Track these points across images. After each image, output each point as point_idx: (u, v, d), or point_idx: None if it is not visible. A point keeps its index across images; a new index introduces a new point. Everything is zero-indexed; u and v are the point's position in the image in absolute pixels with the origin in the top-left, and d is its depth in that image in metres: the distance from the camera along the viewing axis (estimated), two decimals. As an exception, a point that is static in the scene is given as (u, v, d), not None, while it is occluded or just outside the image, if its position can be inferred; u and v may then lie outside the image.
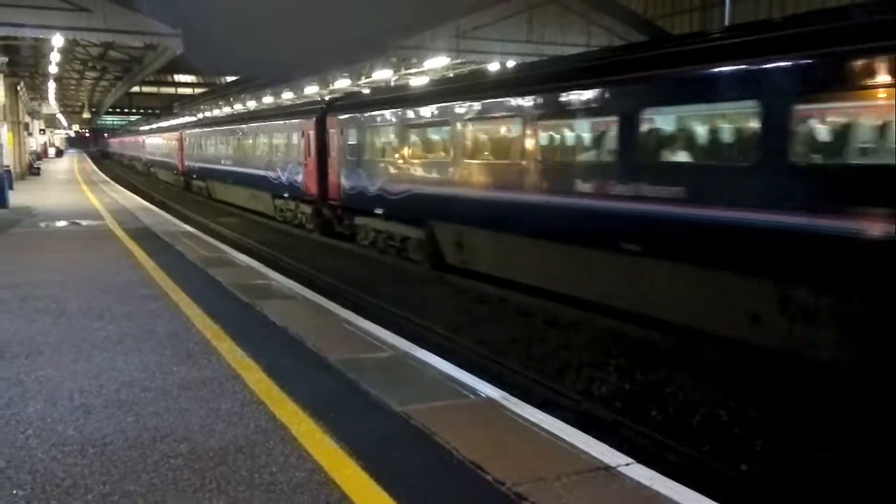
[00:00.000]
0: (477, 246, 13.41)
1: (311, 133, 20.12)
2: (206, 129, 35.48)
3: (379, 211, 16.33)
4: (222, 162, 30.39)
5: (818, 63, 7.31)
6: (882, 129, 7.07)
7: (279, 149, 23.40)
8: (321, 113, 20.05)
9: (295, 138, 21.51)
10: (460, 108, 13.32)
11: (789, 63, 7.58)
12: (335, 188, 18.75)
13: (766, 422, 7.10)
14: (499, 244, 12.68)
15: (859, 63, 6.92)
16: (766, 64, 7.76)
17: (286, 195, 22.80)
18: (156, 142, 52.31)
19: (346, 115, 18.41)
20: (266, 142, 24.83)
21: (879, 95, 6.92)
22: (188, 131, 39.25)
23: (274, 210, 24.39)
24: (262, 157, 24.91)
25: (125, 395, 5.24)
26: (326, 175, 19.25)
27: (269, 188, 24.31)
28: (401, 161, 15.50)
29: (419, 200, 14.72)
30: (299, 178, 21.12)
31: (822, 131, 7.73)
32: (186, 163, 38.12)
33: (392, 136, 16.14)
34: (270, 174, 23.77)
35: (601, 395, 8.04)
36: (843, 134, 7.52)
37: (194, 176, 36.79)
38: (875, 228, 6.71)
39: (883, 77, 6.70)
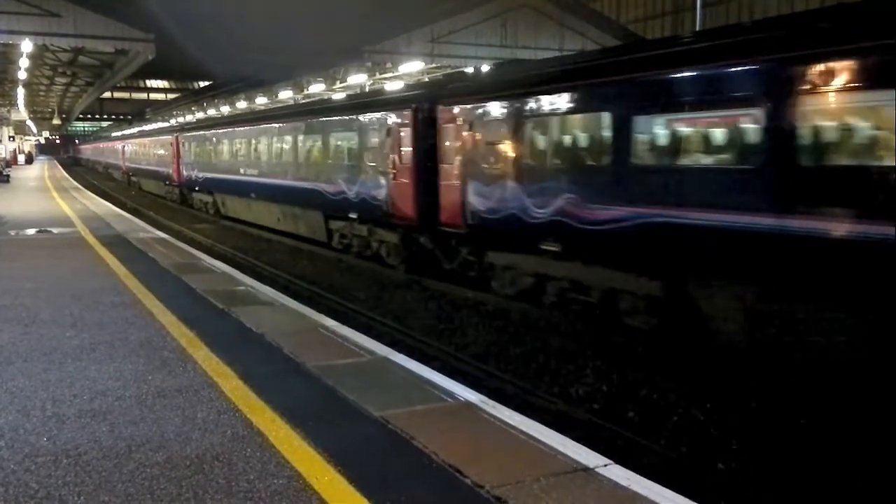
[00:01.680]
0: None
1: (404, 130, 14.40)
2: (215, 131, 28.43)
3: (551, 247, 10.69)
4: (242, 171, 24.22)
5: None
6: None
7: (341, 153, 17.62)
8: (424, 101, 14.25)
9: (372, 138, 15.65)
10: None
11: None
12: (453, 209, 12.96)
13: (741, 421, 7.18)
14: None
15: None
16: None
17: (352, 215, 16.71)
18: (140, 148, 45.26)
19: (485, 102, 12.36)
20: (318, 144, 18.91)
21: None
22: (188, 134, 32.61)
23: (326, 234, 18.45)
24: (311, 165, 19.11)
25: (99, 404, 5.18)
26: (434, 189, 13.47)
27: (320, 205, 18.36)
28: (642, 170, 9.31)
29: (668, 236, 8.89)
30: (380, 192, 15.22)
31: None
32: (185, 172, 31.69)
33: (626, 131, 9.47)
34: (325, 187, 17.89)
35: (579, 396, 8.07)
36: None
37: (196, 188, 30.37)
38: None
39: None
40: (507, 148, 11.69)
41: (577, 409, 7.61)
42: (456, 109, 13.07)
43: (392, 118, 14.93)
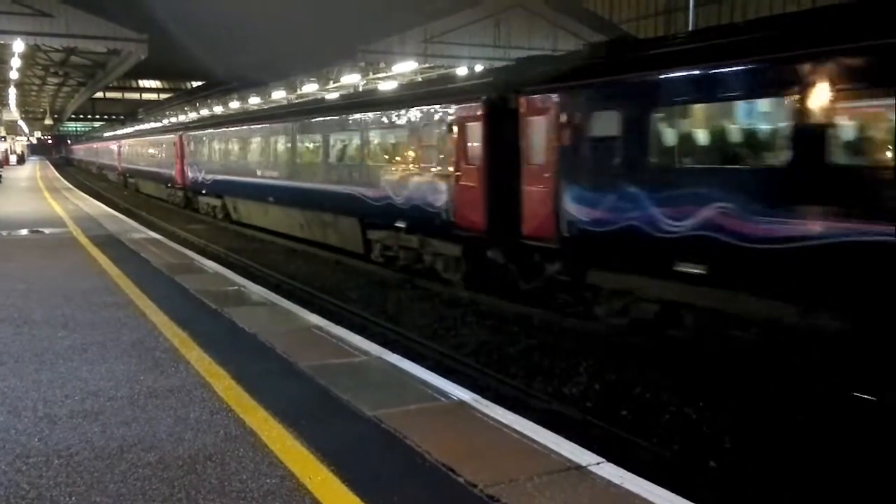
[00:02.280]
0: None
1: (472, 125, 12.39)
2: (226, 130, 25.96)
3: (693, 268, 8.52)
4: (258, 173, 22.02)
5: None
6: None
7: (386, 153, 15.59)
8: (499, 91, 12.16)
9: (429, 135, 13.65)
10: None
11: None
12: (540, 219, 10.81)
13: (734, 420, 7.20)
14: None
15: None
16: None
17: (399, 224, 14.49)
18: (138, 148, 42.39)
19: (593, 88, 10.26)
20: (355, 143, 16.64)
21: None
22: (193, 133, 30.07)
23: (362, 245, 16.30)
24: (346, 166, 16.92)
25: (91, 404, 5.16)
26: (511, 195, 11.36)
27: (356, 212, 16.17)
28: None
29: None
30: (438, 198, 13.20)
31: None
32: (190, 174, 29.31)
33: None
34: (363, 192, 15.72)
35: (572, 395, 8.08)
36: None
37: (203, 191, 28.07)
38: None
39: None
40: (628, 144, 9.37)
41: (571, 408, 7.61)
42: (547, 99, 10.76)
43: (455, 112, 12.82)
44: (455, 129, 12.78)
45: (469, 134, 12.49)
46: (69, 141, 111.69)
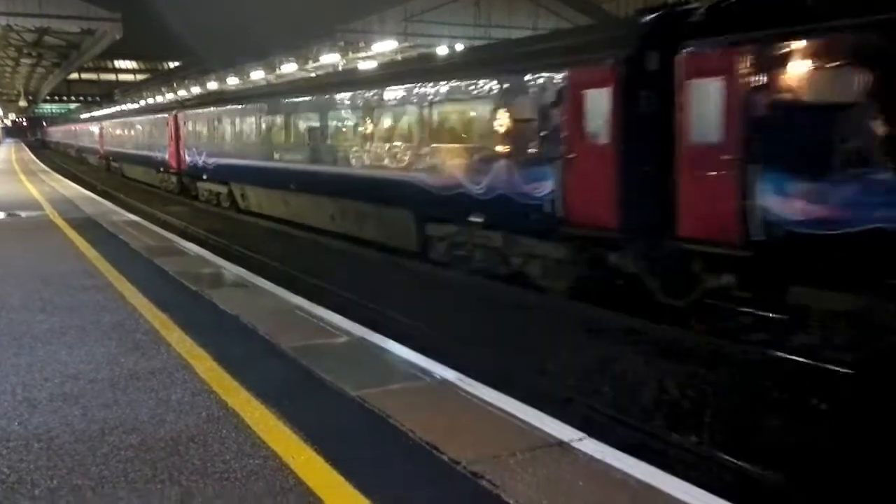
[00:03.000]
0: None
1: (596, 94, 9.76)
2: (234, 108, 23.00)
3: None
4: (276, 156, 19.40)
5: None
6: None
7: (458, 131, 12.90)
8: (639, 47, 9.47)
9: (524, 108, 10.93)
10: None
11: None
12: (718, 217, 8.39)
13: (714, 395, 7.28)
14: None
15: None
16: None
17: (476, 218, 11.96)
18: (124, 129, 39.10)
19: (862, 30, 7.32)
20: (411, 119, 13.83)
21: None
22: (192, 112, 27.07)
23: (417, 241, 13.85)
24: (397, 148, 14.13)
25: (71, 388, 5.11)
26: (663, 186, 8.99)
27: (410, 202, 13.65)
28: None
29: None
30: (539, 187, 10.60)
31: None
32: (187, 157, 26.47)
33: None
34: (422, 178, 13.15)
35: (554, 372, 8.13)
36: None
37: (204, 176, 25.24)
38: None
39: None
40: None
41: (554, 385, 7.66)
42: (732, 53, 8.14)
43: (566, 76, 10.12)
44: (566, 98, 10.07)
45: (589, 104, 9.80)
46: (44, 123, 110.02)
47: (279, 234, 18.86)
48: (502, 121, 11.34)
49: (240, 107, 22.63)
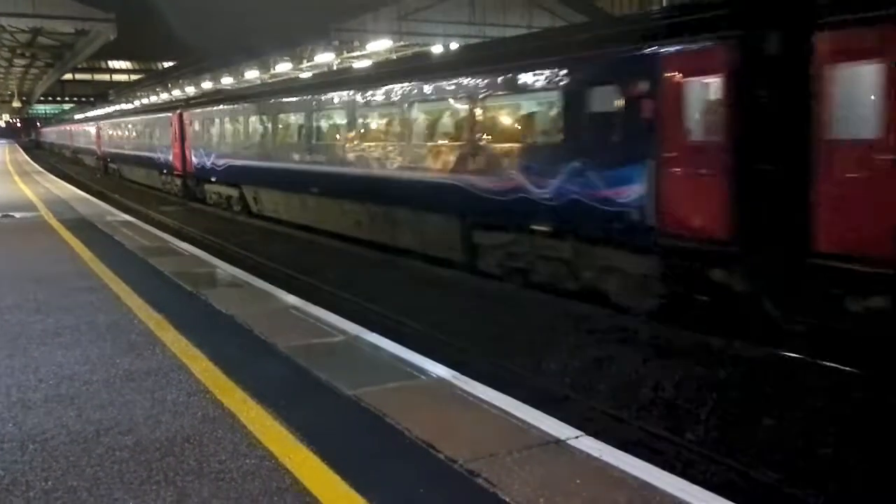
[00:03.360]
0: None
1: (696, 84, 8.50)
2: (247, 105, 21.45)
3: None
4: (296, 157, 17.80)
5: None
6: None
7: (517, 128, 11.78)
8: (751, 27, 8.05)
9: (605, 100, 9.50)
10: None
11: None
12: (875, 231, 7.06)
13: (711, 392, 7.28)
14: None
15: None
16: None
17: (540, 227, 10.67)
18: (123, 129, 37.69)
19: None
20: (458, 116, 12.60)
21: None
22: (199, 111, 25.57)
23: (464, 251, 12.40)
24: (442, 148, 12.75)
25: (66, 388, 5.09)
26: (793, 192, 7.65)
27: (458, 206, 12.17)
28: None
29: None
30: (624, 192, 9.22)
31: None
32: (194, 159, 24.98)
33: None
34: (473, 181, 11.73)
35: (551, 370, 8.12)
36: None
37: (213, 179, 23.77)
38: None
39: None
40: None
41: (551, 383, 7.65)
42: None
43: (660, 63, 8.70)
44: (663, 88, 8.66)
45: (691, 95, 8.49)
46: (38, 124, 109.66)
47: (275, 233, 18.83)
48: (573, 115, 9.90)
49: (253, 104, 21.01)
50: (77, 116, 69.47)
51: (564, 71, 10.00)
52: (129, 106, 56.23)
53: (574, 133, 9.92)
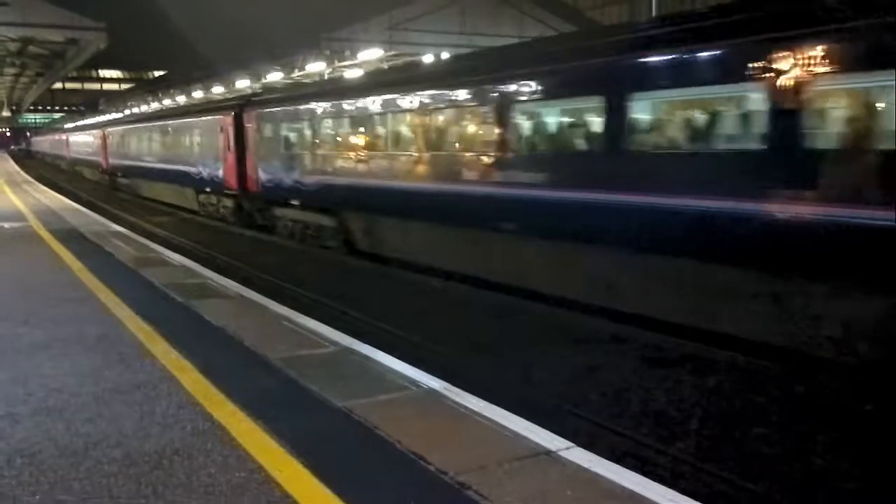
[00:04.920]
0: None
1: None
2: (373, 98, 14.54)
3: None
4: (468, 175, 11.83)
5: None
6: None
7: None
8: None
9: None
10: None
11: None
12: None
13: (700, 402, 7.30)
14: None
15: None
16: None
17: None
18: (140, 137, 31.61)
19: None
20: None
21: None
22: (273, 109, 19.07)
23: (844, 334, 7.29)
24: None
25: (54, 401, 5.06)
26: None
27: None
28: None
29: None
30: None
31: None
32: (261, 174, 18.99)
33: None
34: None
35: (542, 380, 8.12)
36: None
37: (293, 201, 17.84)
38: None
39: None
40: None
41: (541, 394, 7.65)
42: None
43: None
44: None
45: None
46: (28, 133, 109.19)
47: (267, 244, 18.77)
48: None
49: (379, 98, 14.34)
50: (76, 124, 61.43)
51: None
52: (148, 108, 50.55)
53: None
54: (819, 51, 7.10)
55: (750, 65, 7.70)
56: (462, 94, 12.23)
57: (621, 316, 9.58)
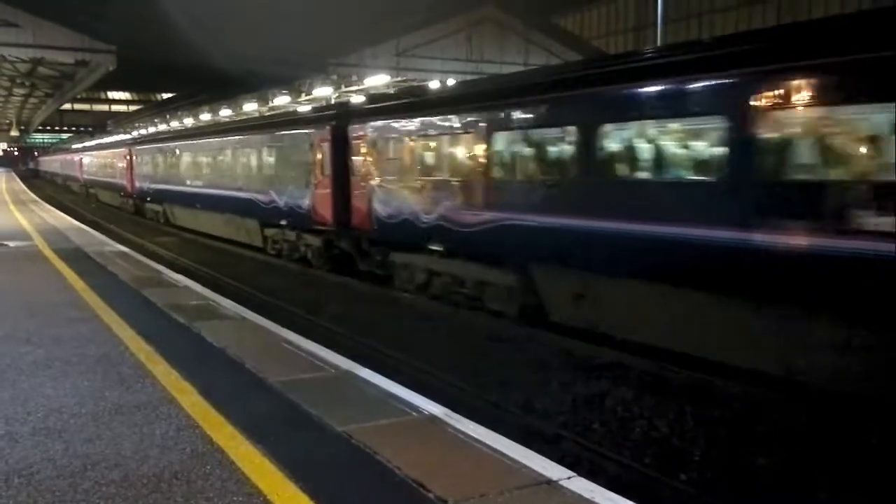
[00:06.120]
0: None
1: None
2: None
3: None
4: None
5: None
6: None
7: None
8: None
9: None
10: None
11: None
12: None
13: (704, 432, 7.24)
14: None
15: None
16: None
17: None
18: (180, 160, 27.03)
19: None
20: None
21: None
22: (402, 125, 13.53)
23: None
24: None
25: (54, 421, 5.04)
26: None
27: None
28: None
29: None
30: None
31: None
32: (379, 208, 14.10)
33: None
34: None
35: (544, 408, 8.08)
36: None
37: (435, 246, 12.61)
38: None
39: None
40: None
41: (542, 422, 7.61)
42: None
43: None
44: None
45: None
46: (36, 153, 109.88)
47: (269, 265, 18.79)
48: None
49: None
50: (94, 142, 55.98)
51: None
52: (194, 123, 45.10)
53: None
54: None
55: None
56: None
57: (624, 343, 9.55)
